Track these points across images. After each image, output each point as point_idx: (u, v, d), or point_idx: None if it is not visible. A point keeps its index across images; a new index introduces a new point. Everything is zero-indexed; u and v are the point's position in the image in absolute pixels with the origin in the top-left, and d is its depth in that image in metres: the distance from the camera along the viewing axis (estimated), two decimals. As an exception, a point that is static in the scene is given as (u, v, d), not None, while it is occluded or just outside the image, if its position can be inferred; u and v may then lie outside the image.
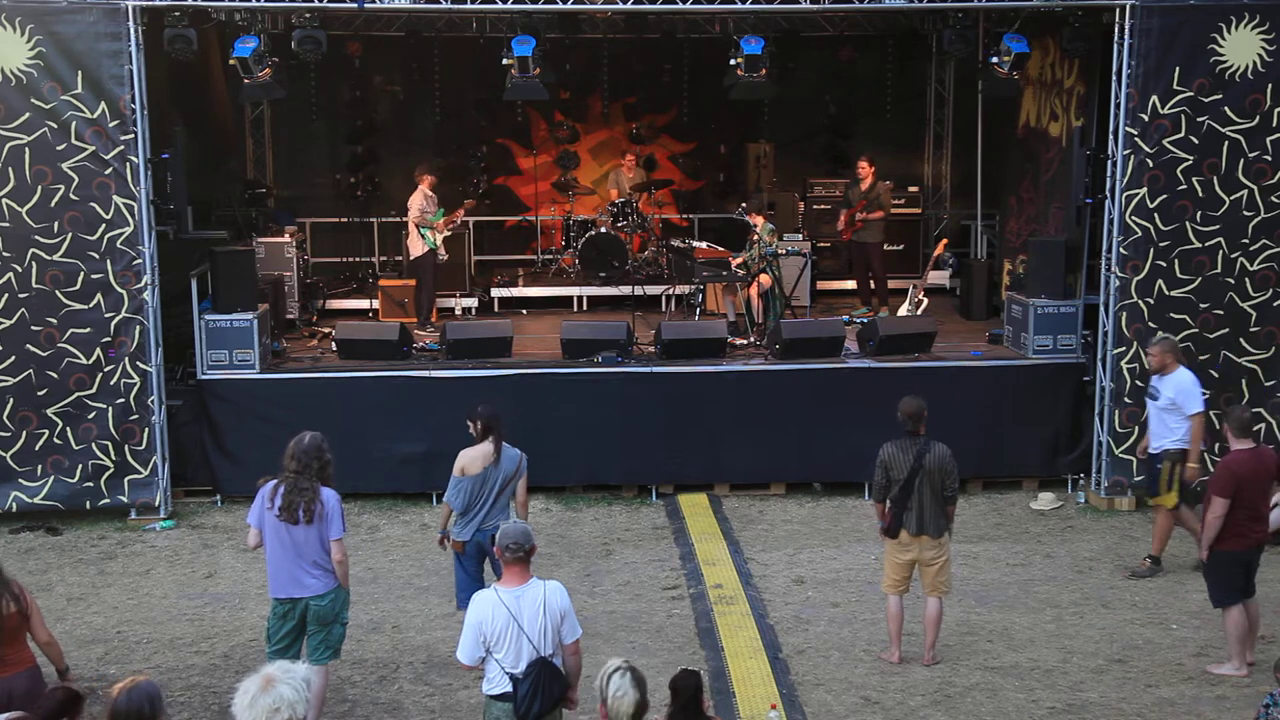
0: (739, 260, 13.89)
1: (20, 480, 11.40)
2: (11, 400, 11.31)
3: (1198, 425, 10.01)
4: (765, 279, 13.67)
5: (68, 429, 11.41)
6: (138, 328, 11.38)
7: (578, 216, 16.44)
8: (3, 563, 6.64)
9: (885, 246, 15.51)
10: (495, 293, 15.67)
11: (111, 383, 11.40)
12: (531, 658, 6.05)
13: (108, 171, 11.17)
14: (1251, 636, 8.66)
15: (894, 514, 8.54)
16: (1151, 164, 11.48)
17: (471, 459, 8.45)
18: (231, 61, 11.97)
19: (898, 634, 8.76)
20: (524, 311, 15.48)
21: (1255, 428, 8.80)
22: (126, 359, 11.40)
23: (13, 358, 11.27)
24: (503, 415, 8.77)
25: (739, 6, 11.93)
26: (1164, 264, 11.62)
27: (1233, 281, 11.64)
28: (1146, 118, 11.41)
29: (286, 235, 14.73)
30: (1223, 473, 8.43)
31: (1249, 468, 8.38)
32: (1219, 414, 11.56)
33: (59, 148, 11.08)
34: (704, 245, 15.11)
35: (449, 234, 14.51)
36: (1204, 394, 10.26)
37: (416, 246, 14.24)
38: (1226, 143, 11.44)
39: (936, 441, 8.55)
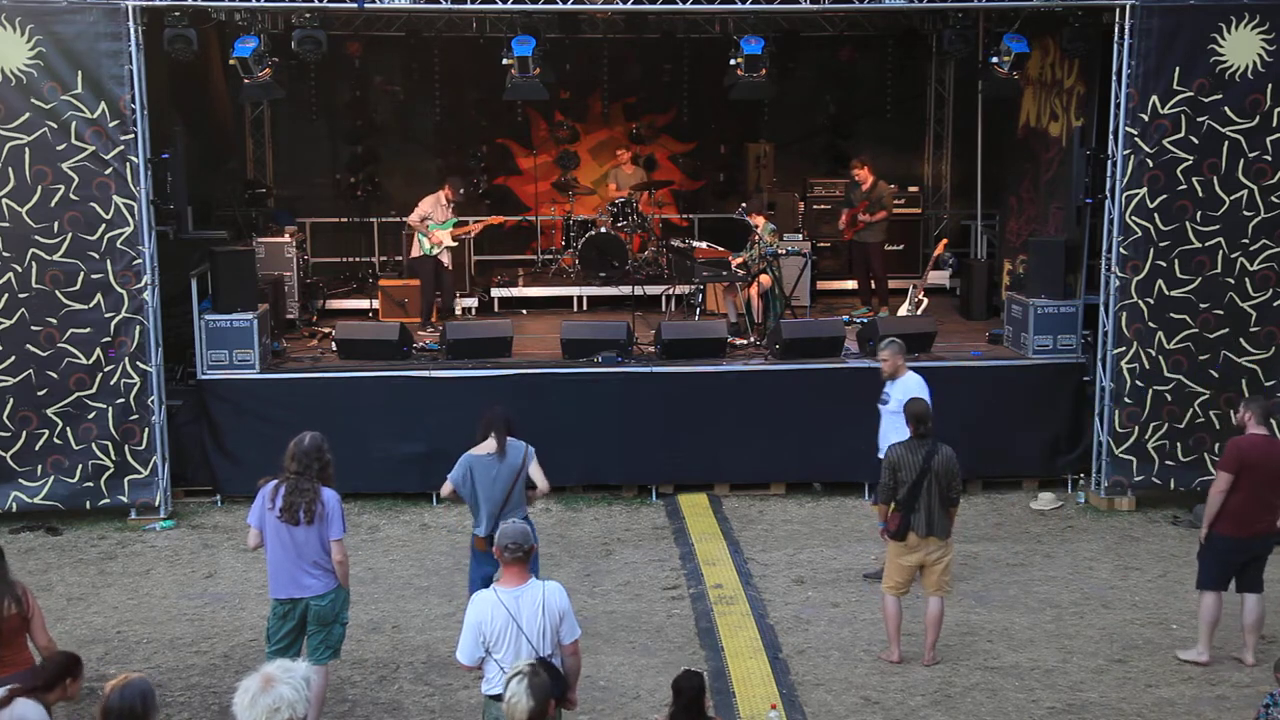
0: (739, 260, 13.88)
1: (20, 480, 11.40)
2: (11, 400, 11.31)
3: None
4: (765, 279, 13.68)
5: (68, 429, 11.41)
6: (138, 328, 11.38)
7: (578, 216, 16.45)
8: (8, 565, 6.64)
9: (886, 246, 15.53)
10: (495, 293, 15.68)
11: (111, 383, 11.40)
12: (530, 658, 6.04)
13: (108, 171, 11.17)
14: (1254, 633, 8.72)
15: (902, 516, 8.54)
16: (1151, 164, 11.48)
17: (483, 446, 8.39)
18: (231, 61, 11.97)
19: (896, 633, 8.76)
20: (524, 311, 15.48)
21: (1273, 419, 8.80)
22: (126, 359, 11.40)
23: (13, 358, 11.27)
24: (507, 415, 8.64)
25: (739, 6, 11.93)
26: (1164, 264, 11.62)
27: (1233, 281, 11.64)
28: (1146, 118, 11.41)
29: (286, 235, 14.73)
30: (1230, 450, 8.51)
31: (1259, 452, 8.41)
32: (1219, 413, 11.65)
33: (59, 148, 11.08)
34: (704, 245, 15.12)
35: (454, 244, 14.51)
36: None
37: (415, 248, 14.34)
38: (1226, 143, 11.43)
39: (942, 443, 8.58)
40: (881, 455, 9.82)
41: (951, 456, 8.56)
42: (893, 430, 9.89)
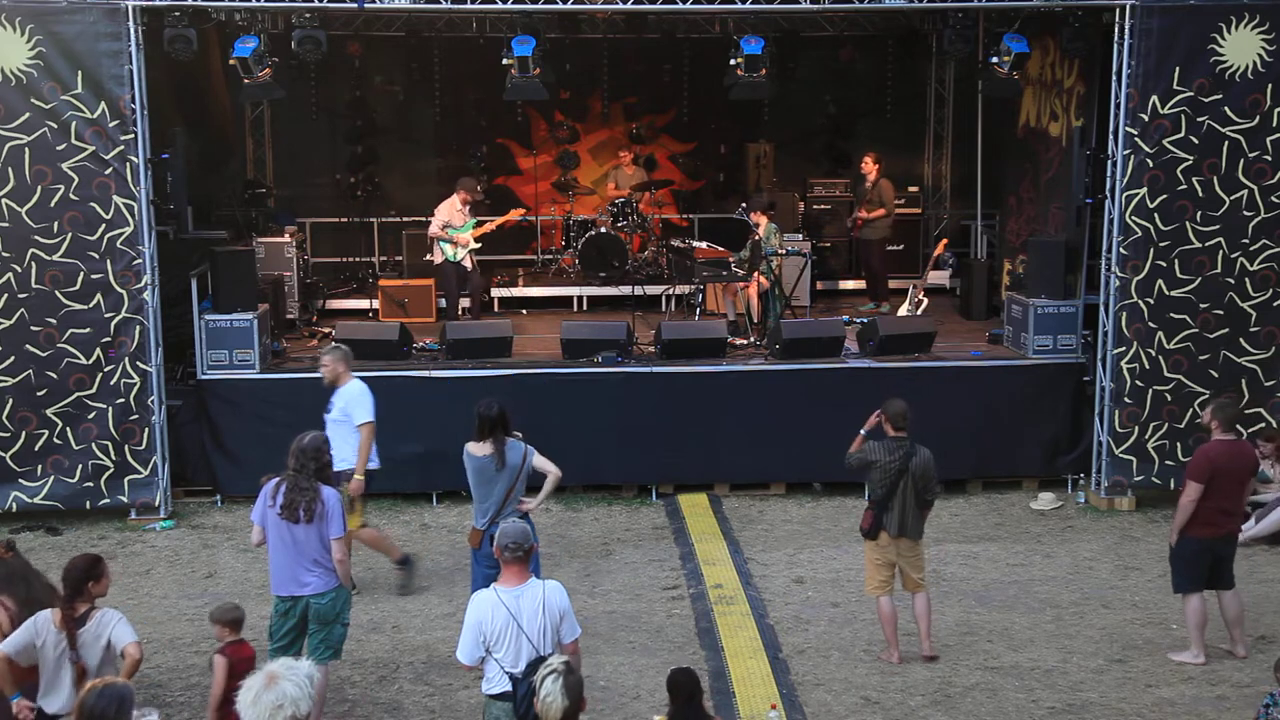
0: (758, 271, 13.79)
1: (20, 480, 11.39)
2: (11, 400, 11.31)
3: (366, 435, 9.56)
4: (762, 279, 13.71)
5: (68, 429, 11.40)
6: (138, 328, 11.38)
7: (578, 216, 16.45)
8: None
9: (887, 246, 15.60)
10: (495, 293, 15.67)
11: (111, 383, 11.40)
12: (531, 658, 6.04)
13: (108, 171, 11.17)
14: (1238, 626, 8.84)
15: (875, 515, 8.57)
16: (1151, 164, 11.49)
17: (478, 445, 8.41)
18: (231, 61, 11.97)
19: (893, 634, 8.77)
20: (524, 311, 15.48)
21: (1239, 422, 8.95)
22: (126, 359, 11.40)
23: (12, 358, 11.27)
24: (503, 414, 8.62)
25: (739, 6, 11.93)
26: (1164, 264, 11.63)
27: (1233, 281, 11.64)
28: (1146, 118, 11.42)
29: (286, 235, 14.73)
30: (1200, 459, 8.64)
31: (1226, 459, 8.56)
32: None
33: (59, 148, 11.08)
34: (704, 245, 15.12)
35: (478, 245, 14.51)
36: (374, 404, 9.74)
37: (436, 255, 14.39)
38: (1226, 143, 11.44)
39: (920, 445, 8.58)
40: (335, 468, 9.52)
41: (929, 459, 8.57)
42: (338, 440, 9.32)
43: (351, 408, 9.65)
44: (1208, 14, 11.30)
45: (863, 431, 8.78)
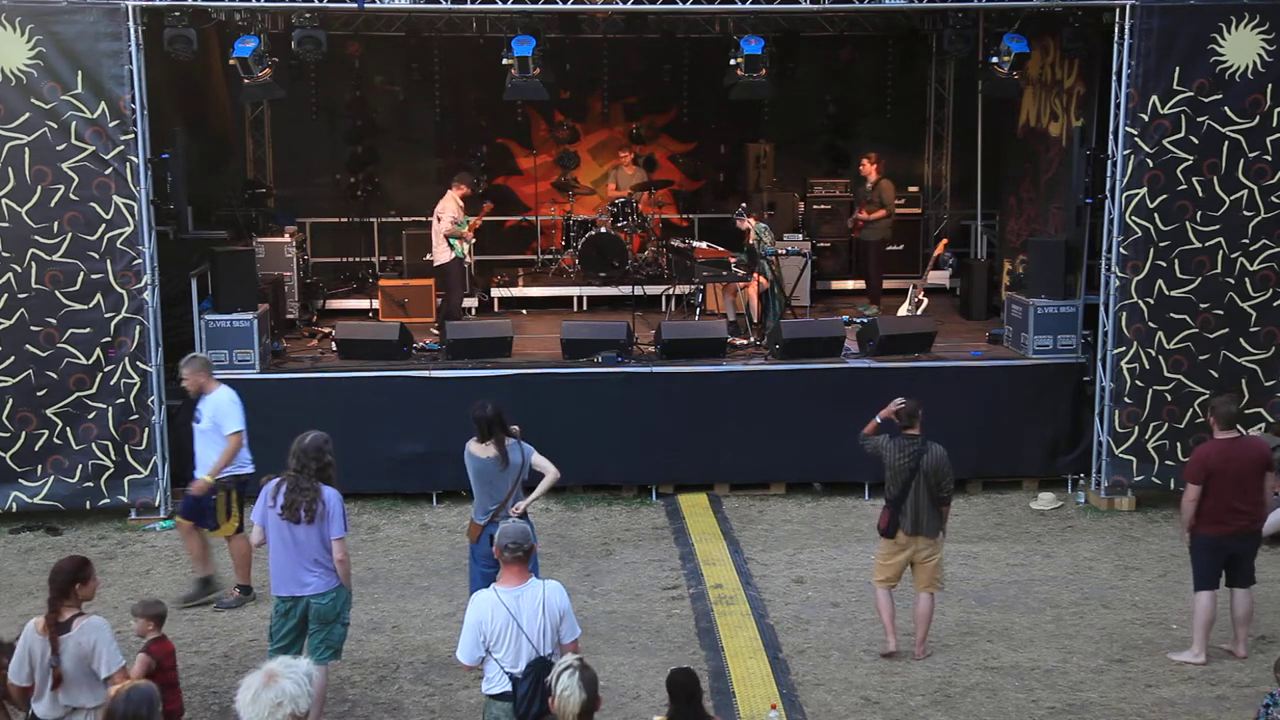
0: (759, 274, 13.80)
1: (20, 480, 11.40)
2: (11, 400, 11.31)
3: (234, 443, 9.45)
4: (763, 279, 13.70)
5: (68, 429, 11.41)
6: (138, 328, 11.38)
7: (578, 216, 16.45)
8: None
9: (887, 247, 15.59)
10: (495, 293, 15.68)
11: (111, 383, 11.40)
12: (531, 657, 6.05)
13: (108, 171, 11.17)
14: (1244, 626, 8.83)
15: (890, 514, 8.57)
16: (1151, 164, 11.49)
17: (480, 446, 8.42)
18: (231, 61, 11.97)
19: (891, 622, 8.77)
20: (524, 311, 15.48)
21: (1238, 419, 8.98)
22: (126, 359, 11.40)
23: (12, 358, 11.27)
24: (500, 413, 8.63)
25: (739, 6, 11.93)
26: (1164, 264, 11.63)
27: (1233, 281, 11.64)
28: (1146, 118, 11.42)
29: (286, 235, 14.73)
30: (1194, 460, 8.71)
31: (1222, 457, 8.56)
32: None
33: (59, 148, 11.09)
34: (704, 245, 15.12)
35: (474, 241, 14.54)
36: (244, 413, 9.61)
37: (442, 254, 14.23)
38: (1226, 143, 11.44)
39: (933, 443, 8.58)
40: (199, 475, 9.54)
41: (942, 456, 8.56)
42: (209, 451, 9.47)
43: (220, 417, 9.53)
44: (1208, 14, 11.30)
45: (877, 418, 8.79)
